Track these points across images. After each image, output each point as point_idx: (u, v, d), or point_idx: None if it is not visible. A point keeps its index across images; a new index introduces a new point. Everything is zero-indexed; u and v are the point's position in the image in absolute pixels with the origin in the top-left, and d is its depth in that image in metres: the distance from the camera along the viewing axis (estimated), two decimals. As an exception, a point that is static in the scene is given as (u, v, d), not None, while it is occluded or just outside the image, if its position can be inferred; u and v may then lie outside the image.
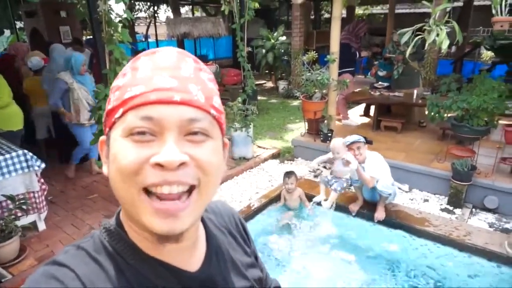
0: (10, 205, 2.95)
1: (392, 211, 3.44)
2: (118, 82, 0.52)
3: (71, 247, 0.54)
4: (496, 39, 6.60)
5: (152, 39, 16.69)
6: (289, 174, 3.62)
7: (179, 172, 0.47)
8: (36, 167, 3.11)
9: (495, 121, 3.78)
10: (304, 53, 6.90)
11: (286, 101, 8.98)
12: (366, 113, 6.18)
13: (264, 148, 5.44)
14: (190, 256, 0.58)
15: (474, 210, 3.63)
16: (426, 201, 3.85)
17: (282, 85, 9.78)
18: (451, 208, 3.64)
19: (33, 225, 3.24)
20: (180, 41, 10.40)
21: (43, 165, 3.17)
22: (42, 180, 3.25)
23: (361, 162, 3.26)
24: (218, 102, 0.54)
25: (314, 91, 4.81)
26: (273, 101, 9.12)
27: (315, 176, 4.45)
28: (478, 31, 9.11)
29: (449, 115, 4.01)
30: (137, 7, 17.07)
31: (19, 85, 4.55)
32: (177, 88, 0.49)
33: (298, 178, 3.76)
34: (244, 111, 4.88)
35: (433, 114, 4.08)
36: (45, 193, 3.30)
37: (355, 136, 3.30)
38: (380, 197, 3.33)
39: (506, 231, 3.23)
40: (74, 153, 4.34)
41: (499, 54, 6.96)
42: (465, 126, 3.72)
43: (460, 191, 3.58)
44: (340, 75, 4.95)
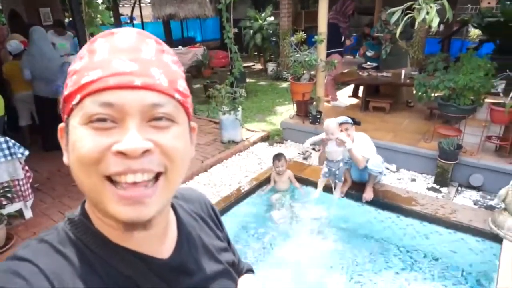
0: (-6, 193, 2.90)
1: (380, 191, 3.48)
2: (75, 66, 0.49)
3: (34, 240, 0.52)
4: (484, 17, 6.59)
5: (137, 21, 16.24)
6: (278, 157, 3.62)
7: (143, 159, 0.45)
8: (19, 155, 3.05)
9: (481, 100, 3.80)
10: (293, 33, 6.79)
11: (275, 83, 8.89)
12: (355, 94, 6.17)
13: (253, 131, 5.41)
14: (161, 244, 0.57)
15: (459, 188, 3.70)
16: (413, 180, 3.90)
17: (271, 67, 9.62)
18: (437, 187, 3.70)
19: (19, 213, 3.21)
20: (166, 23, 10.14)
21: (26, 152, 3.11)
22: (27, 168, 3.20)
23: (350, 143, 3.25)
24: (183, 86, 0.52)
25: (302, 72, 4.76)
26: (262, 83, 9.03)
27: (304, 159, 4.46)
28: (466, 9, 9.06)
29: (436, 94, 4.02)
30: (121, -13, 16.54)
31: (-1, 70, 4.43)
32: (138, 72, 0.46)
33: (288, 160, 3.76)
34: (232, 94, 4.83)
35: (420, 94, 4.09)
36: (30, 180, 3.25)
37: (342, 118, 3.30)
38: (369, 177, 3.36)
39: (490, 208, 3.30)
40: None
41: (486, 32, 6.96)
42: (451, 105, 3.74)
43: (446, 170, 3.64)
44: (328, 55, 4.90)
